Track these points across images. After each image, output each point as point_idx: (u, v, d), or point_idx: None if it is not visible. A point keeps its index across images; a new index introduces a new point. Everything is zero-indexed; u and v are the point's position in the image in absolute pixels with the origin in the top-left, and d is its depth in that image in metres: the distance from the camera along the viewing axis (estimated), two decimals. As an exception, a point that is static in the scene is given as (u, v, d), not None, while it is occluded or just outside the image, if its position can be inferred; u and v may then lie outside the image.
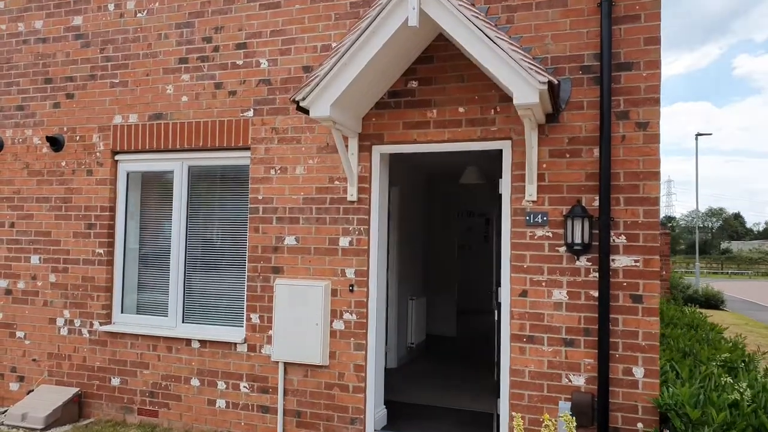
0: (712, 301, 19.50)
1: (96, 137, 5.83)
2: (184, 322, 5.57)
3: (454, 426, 5.28)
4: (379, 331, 5.03)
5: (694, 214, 72.35)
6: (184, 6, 5.57)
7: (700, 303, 18.74)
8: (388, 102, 4.89)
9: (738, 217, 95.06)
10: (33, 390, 5.77)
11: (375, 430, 4.89)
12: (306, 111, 4.40)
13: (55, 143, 5.89)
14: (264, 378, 5.15)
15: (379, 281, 5.01)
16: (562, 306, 4.39)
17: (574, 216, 4.30)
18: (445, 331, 9.92)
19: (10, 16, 6.25)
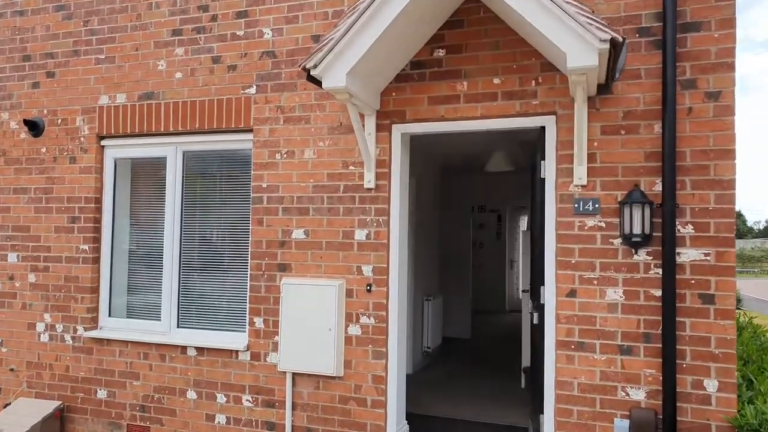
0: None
1: (80, 120, 5.21)
2: (179, 327, 4.95)
3: (486, 444, 4.66)
4: (400, 336, 4.40)
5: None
6: (178, -29, 4.95)
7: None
8: (411, 74, 4.27)
9: (740, 215, 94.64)
10: (10, 403, 5.14)
11: (397, 451, 4.28)
12: (318, 82, 3.78)
13: (35, 127, 5.27)
14: (269, 390, 4.52)
15: (400, 280, 4.38)
16: (618, 307, 3.76)
17: (631, 202, 3.67)
18: (460, 333, 9.31)
19: (-15, -13, 5.63)
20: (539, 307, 4.17)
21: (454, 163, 8.84)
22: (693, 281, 3.63)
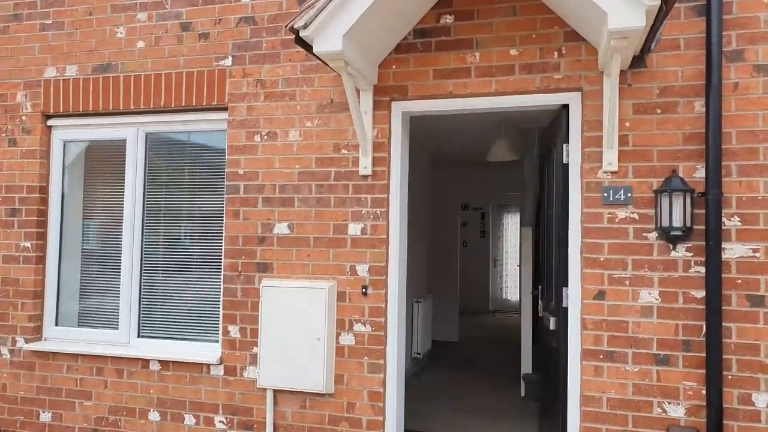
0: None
1: (21, 96, 4.47)
2: (140, 337, 4.27)
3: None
4: (400, 346, 3.84)
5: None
6: (140, -75, 4.28)
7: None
8: (414, 43, 3.71)
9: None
10: (-64, 428, 4.38)
11: (397, 478, 3.72)
12: (308, 46, 3.19)
13: (-32, 105, 4.51)
14: (247, 410, 3.90)
15: (400, 281, 3.82)
16: (653, 311, 3.29)
17: (671, 190, 3.19)
18: (448, 336, 8.81)
19: None
20: (558, 311, 3.66)
21: (444, 156, 8.32)
22: (739, 281, 3.17)
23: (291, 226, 3.89)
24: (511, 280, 12.88)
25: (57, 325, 4.43)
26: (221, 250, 4.10)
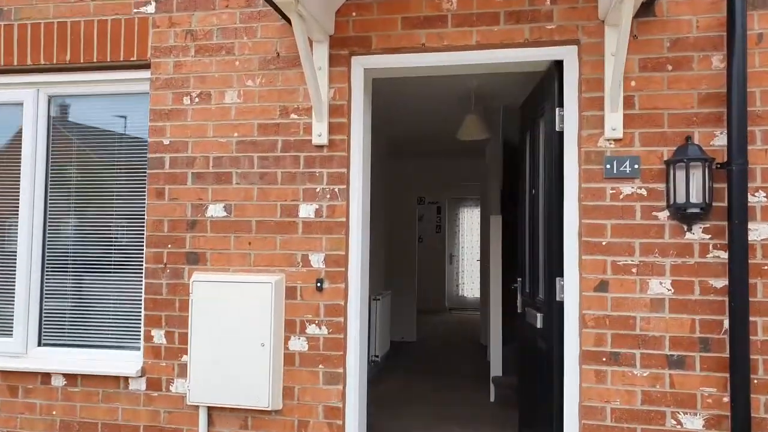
0: None
1: None
2: (41, 346, 3.48)
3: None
4: (362, 351, 3.21)
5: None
6: None
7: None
8: (379, -15, 3.08)
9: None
10: None
11: None
12: (248, -26, 2.51)
13: None
14: (174, 433, 3.18)
15: (362, 273, 3.19)
16: (664, 304, 2.77)
17: (688, 159, 2.68)
18: (406, 336, 8.22)
19: None
20: (548, 306, 3.10)
21: (402, 144, 7.71)
22: (766, 267, 2.70)
23: (228, 207, 3.19)
24: (468, 277, 12.45)
25: (-67, 333, 3.56)
26: (142, 237, 3.35)
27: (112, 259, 3.46)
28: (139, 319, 3.34)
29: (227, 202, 3.19)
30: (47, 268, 3.52)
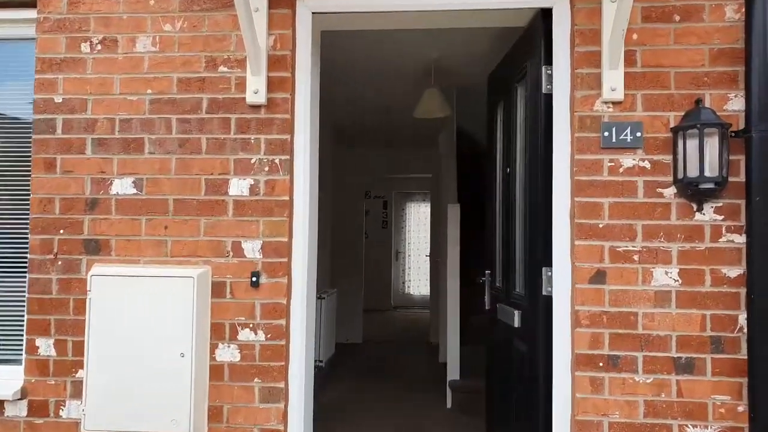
0: None
1: None
2: None
3: None
4: (308, 359, 2.63)
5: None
6: None
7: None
8: None
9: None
10: None
11: None
12: None
13: None
14: (66, 471, 2.48)
15: (309, 265, 2.60)
16: (671, 298, 2.34)
17: (700, 125, 2.25)
18: (352, 337, 7.64)
19: None
20: (531, 302, 2.61)
21: (350, 130, 7.12)
22: (785, 253, 2.31)
23: (139, 182, 2.52)
24: (415, 274, 12.01)
25: None
26: (27, 220, 2.63)
27: (-12, 249, 2.72)
28: (21, 326, 2.61)
29: (137, 175, 2.52)
30: None
